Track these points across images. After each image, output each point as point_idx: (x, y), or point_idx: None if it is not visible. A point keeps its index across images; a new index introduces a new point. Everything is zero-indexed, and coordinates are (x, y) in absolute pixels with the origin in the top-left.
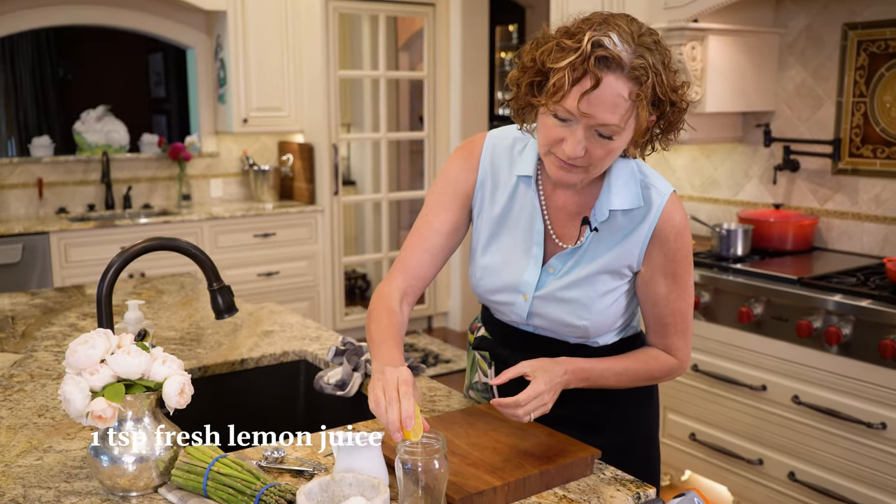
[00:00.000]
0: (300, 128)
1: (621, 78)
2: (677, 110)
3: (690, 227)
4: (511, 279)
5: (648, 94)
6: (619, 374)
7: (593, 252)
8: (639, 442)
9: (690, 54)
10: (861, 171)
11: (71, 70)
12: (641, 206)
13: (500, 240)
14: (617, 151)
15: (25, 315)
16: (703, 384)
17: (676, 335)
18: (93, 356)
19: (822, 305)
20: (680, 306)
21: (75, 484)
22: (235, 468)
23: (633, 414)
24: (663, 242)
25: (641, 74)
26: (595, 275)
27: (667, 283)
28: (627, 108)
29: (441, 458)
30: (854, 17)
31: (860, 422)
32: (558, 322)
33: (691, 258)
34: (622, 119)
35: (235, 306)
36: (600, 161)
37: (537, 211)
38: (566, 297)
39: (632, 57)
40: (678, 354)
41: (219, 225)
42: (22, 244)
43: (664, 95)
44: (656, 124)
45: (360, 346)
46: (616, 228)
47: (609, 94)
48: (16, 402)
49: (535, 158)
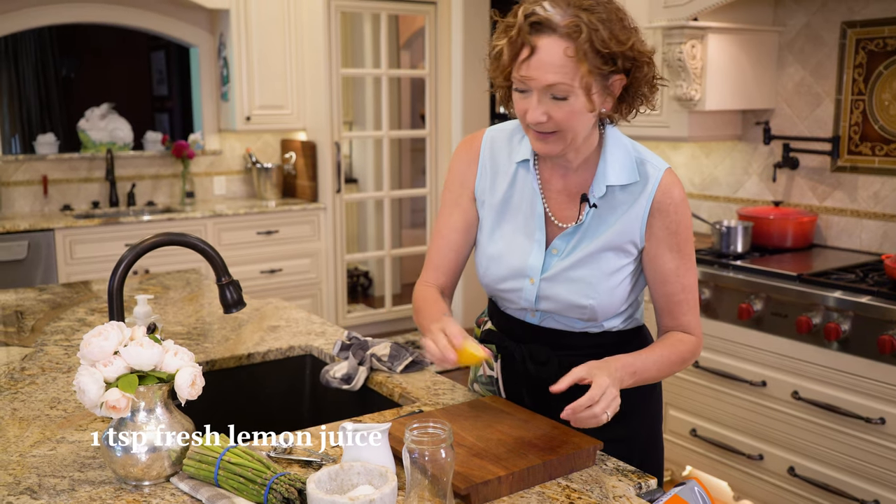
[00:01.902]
0: (303, 126)
1: (556, 38)
2: (640, 63)
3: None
4: (517, 265)
5: (586, 48)
6: (658, 363)
7: (595, 230)
8: (641, 435)
9: (690, 53)
10: (860, 168)
11: (74, 68)
12: (638, 180)
13: (502, 227)
14: (581, 113)
15: (34, 310)
16: (703, 380)
17: (689, 312)
18: (106, 348)
19: (822, 302)
20: (689, 281)
21: (89, 473)
22: (246, 458)
23: (634, 407)
24: (664, 215)
25: (573, 31)
26: (599, 252)
27: (673, 257)
28: (570, 66)
29: (447, 448)
30: (853, 16)
31: (859, 417)
32: (566, 303)
33: (691, 234)
34: (566, 77)
35: (244, 301)
36: (567, 124)
37: (537, 195)
38: (573, 276)
39: (564, 17)
40: (696, 332)
41: (222, 222)
42: (27, 241)
43: (607, 48)
44: (624, 80)
45: (365, 341)
46: (615, 204)
47: (547, 56)
48: (28, 394)
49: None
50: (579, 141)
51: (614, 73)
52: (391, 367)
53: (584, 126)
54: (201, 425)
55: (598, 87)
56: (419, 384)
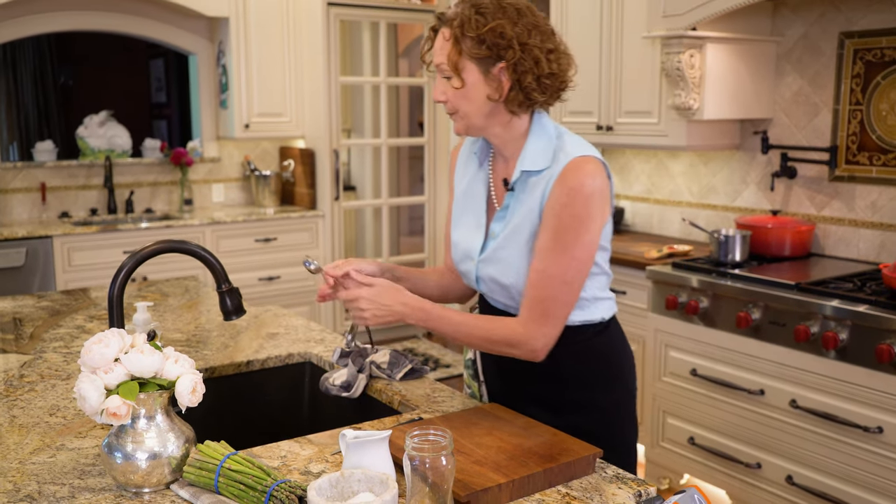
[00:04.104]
0: (301, 133)
1: (445, 28)
2: (518, 50)
3: (691, 233)
4: (466, 248)
5: (458, 32)
6: (456, 325)
7: (513, 211)
8: (601, 426)
9: (689, 62)
10: (857, 178)
11: (72, 75)
12: (550, 166)
13: (461, 217)
14: (471, 94)
15: (33, 317)
16: (701, 388)
17: (530, 300)
18: (107, 355)
19: (820, 311)
20: (546, 266)
21: (89, 480)
22: (246, 465)
23: (590, 397)
24: (555, 197)
25: (453, 18)
26: (517, 234)
27: (545, 236)
28: (449, 47)
29: (448, 456)
30: (850, 26)
31: (857, 426)
32: (494, 282)
33: (582, 230)
34: (447, 57)
35: (244, 308)
36: (460, 102)
37: (484, 184)
38: (499, 256)
39: (454, 11)
40: (526, 325)
41: (220, 229)
42: (25, 248)
43: (476, 30)
44: (510, 68)
45: (364, 348)
46: (530, 188)
47: (438, 42)
48: (27, 401)
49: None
50: (476, 120)
51: (494, 61)
52: (390, 374)
53: (475, 106)
54: (200, 433)
55: (482, 70)
56: (419, 392)
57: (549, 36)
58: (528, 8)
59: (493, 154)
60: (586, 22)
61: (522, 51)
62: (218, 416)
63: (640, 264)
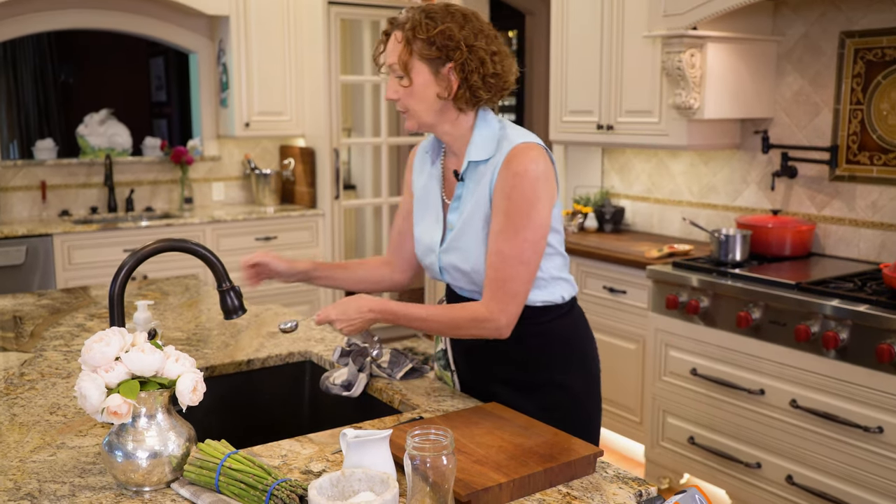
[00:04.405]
0: (301, 132)
1: (397, 31)
2: (465, 51)
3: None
4: (429, 242)
5: (409, 34)
6: (423, 318)
7: (466, 201)
8: (567, 406)
9: (689, 61)
10: (858, 177)
11: (73, 73)
12: (495, 154)
13: (422, 214)
14: (421, 93)
15: (33, 315)
16: (701, 388)
17: (491, 281)
18: (108, 353)
19: (820, 310)
20: (502, 248)
21: (89, 479)
22: (247, 464)
23: (556, 378)
24: (501, 180)
25: (405, 23)
26: (471, 221)
27: (498, 220)
28: (400, 48)
29: (449, 455)
30: (851, 26)
31: (857, 426)
32: (456, 270)
33: (532, 211)
34: (398, 57)
35: (245, 307)
36: (411, 102)
37: (437, 180)
38: (457, 245)
39: (406, 15)
40: (489, 305)
41: (220, 228)
42: (26, 246)
43: (426, 32)
44: (458, 69)
45: (364, 348)
46: (478, 177)
47: (390, 44)
48: (27, 399)
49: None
50: (426, 117)
51: (445, 62)
52: (391, 373)
53: (425, 104)
54: (200, 432)
55: (432, 71)
56: (419, 391)
57: (493, 39)
58: (474, 14)
59: (444, 152)
60: (587, 21)
61: (469, 52)
62: (218, 415)
63: (640, 264)
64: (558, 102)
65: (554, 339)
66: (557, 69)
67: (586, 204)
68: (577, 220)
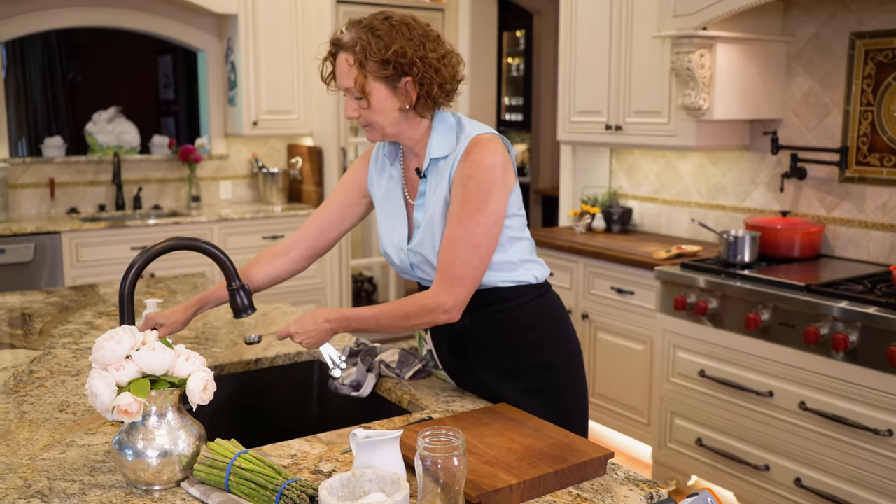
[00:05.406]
0: (309, 131)
1: (345, 53)
2: (421, 66)
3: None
4: (396, 241)
5: (361, 58)
6: (375, 317)
7: (430, 197)
8: (552, 385)
9: (699, 62)
10: (868, 179)
11: (81, 71)
12: (454, 151)
13: (385, 214)
14: (381, 108)
15: (42, 313)
16: (709, 390)
17: (440, 264)
18: (119, 352)
19: (829, 312)
20: (454, 233)
21: (99, 477)
22: (257, 464)
23: (539, 359)
24: (460, 172)
25: (353, 45)
26: (435, 215)
27: (454, 207)
28: (355, 73)
29: (460, 456)
30: (862, 27)
31: (867, 428)
32: (427, 265)
33: (487, 198)
34: (354, 81)
35: (254, 306)
36: (372, 117)
37: (398, 181)
38: (424, 241)
39: (350, 37)
40: (437, 289)
41: (228, 226)
42: (34, 243)
43: (380, 54)
44: (416, 82)
45: (373, 347)
46: (439, 173)
47: (341, 67)
48: (37, 397)
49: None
50: (389, 129)
51: (400, 76)
52: (399, 373)
53: (388, 119)
54: (209, 431)
55: (389, 88)
56: (428, 391)
57: (437, 42)
58: (414, 19)
59: (403, 152)
60: (596, 21)
61: (424, 64)
62: (227, 414)
63: (648, 264)
64: (567, 103)
65: (535, 319)
66: (566, 69)
67: (594, 204)
68: (585, 221)
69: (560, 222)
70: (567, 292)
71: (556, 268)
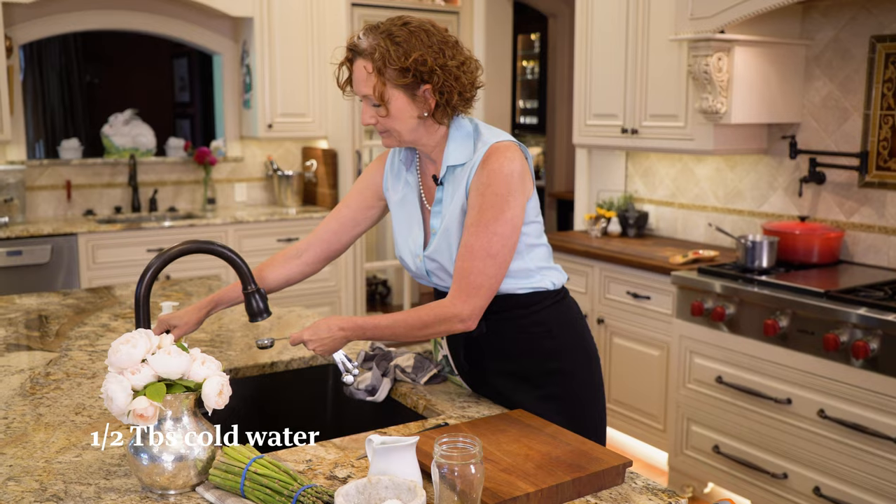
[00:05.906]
0: (324, 134)
1: (363, 60)
2: (441, 74)
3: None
4: (412, 248)
5: (380, 65)
6: (391, 326)
7: (447, 204)
8: (574, 396)
9: (716, 65)
10: (888, 184)
11: (98, 74)
12: (471, 158)
13: (401, 220)
14: (399, 115)
15: (58, 315)
16: (727, 396)
17: (457, 273)
18: (135, 355)
19: (849, 319)
20: (471, 241)
21: (114, 481)
22: (272, 469)
23: (557, 365)
24: (478, 180)
25: (371, 52)
26: (452, 223)
27: (471, 215)
28: (374, 80)
29: (477, 464)
30: (882, 30)
31: (887, 437)
32: (443, 272)
33: (504, 207)
34: (373, 89)
35: (269, 310)
36: (390, 124)
37: (415, 188)
38: (441, 248)
39: (368, 43)
40: (454, 297)
41: (243, 229)
42: (51, 245)
43: (396, 64)
44: (435, 90)
45: (388, 352)
46: (456, 181)
47: (358, 74)
48: (53, 399)
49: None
50: (407, 136)
51: (420, 84)
52: (415, 378)
53: (406, 125)
54: (223, 434)
55: (408, 95)
56: (443, 396)
57: (456, 48)
58: (432, 25)
59: (419, 158)
60: (612, 24)
61: (443, 73)
62: (241, 418)
63: (664, 269)
64: (582, 106)
65: (552, 325)
66: (581, 72)
67: (610, 208)
68: (601, 225)
69: (575, 226)
70: (582, 297)
71: (572, 272)
